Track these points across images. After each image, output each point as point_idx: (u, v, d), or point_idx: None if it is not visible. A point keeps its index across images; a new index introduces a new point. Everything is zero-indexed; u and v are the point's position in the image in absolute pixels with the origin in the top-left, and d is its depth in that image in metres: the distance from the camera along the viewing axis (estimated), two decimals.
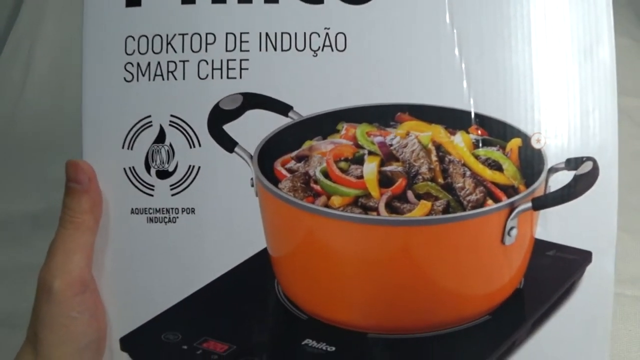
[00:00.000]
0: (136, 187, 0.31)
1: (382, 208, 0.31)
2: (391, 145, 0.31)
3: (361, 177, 0.31)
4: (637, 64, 0.64)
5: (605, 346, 0.31)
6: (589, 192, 0.31)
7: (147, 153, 0.31)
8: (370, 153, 0.32)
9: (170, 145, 0.30)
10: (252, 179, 0.31)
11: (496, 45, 0.31)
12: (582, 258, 0.32)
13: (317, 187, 0.31)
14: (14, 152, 0.60)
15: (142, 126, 0.31)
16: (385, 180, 0.31)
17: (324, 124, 0.32)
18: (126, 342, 0.31)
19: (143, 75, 0.31)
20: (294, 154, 0.32)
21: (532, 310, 0.32)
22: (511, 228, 0.31)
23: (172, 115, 0.31)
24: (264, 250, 0.32)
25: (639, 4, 0.71)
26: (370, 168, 0.31)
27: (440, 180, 0.31)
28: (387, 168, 0.31)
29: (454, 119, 0.32)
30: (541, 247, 0.33)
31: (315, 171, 0.31)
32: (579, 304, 0.32)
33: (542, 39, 0.31)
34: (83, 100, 0.31)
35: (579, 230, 0.31)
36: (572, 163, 0.31)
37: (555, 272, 0.33)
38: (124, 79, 0.30)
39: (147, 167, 0.31)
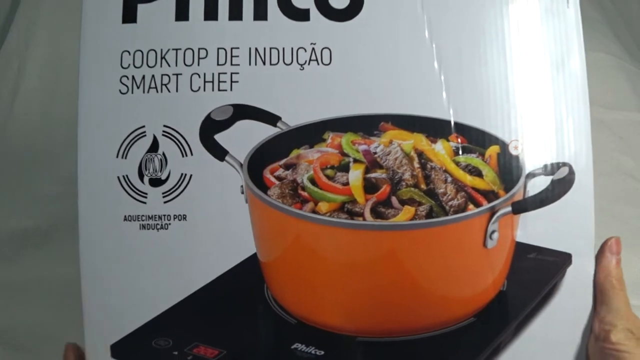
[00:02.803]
0: (129, 194, 0.29)
1: (367, 213, 0.28)
2: (375, 153, 0.29)
3: (347, 183, 0.29)
4: (614, 78, 0.61)
5: (584, 348, 0.29)
6: (566, 196, 0.29)
7: (141, 162, 0.29)
8: (356, 161, 0.29)
9: (163, 154, 0.29)
10: (242, 186, 0.29)
11: (473, 59, 0.29)
12: (562, 260, 0.30)
13: (305, 194, 0.29)
14: (2, 169, 0.55)
15: (136, 136, 0.29)
16: (370, 187, 0.29)
17: (311, 134, 0.30)
18: (117, 349, 0.28)
19: (138, 87, 0.29)
20: (282, 162, 0.30)
21: (516, 311, 0.30)
22: (492, 232, 0.29)
23: (165, 126, 0.29)
24: (254, 256, 0.30)
25: (614, 20, 0.68)
26: (355, 175, 0.29)
27: (423, 186, 0.29)
28: (372, 175, 0.29)
29: (435, 128, 0.30)
30: (522, 250, 0.30)
31: (303, 178, 0.29)
32: (561, 304, 0.30)
33: (517, 52, 0.30)
34: (79, 111, 0.29)
35: (558, 233, 0.30)
36: (549, 168, 0.29)
37: (536, 274, 0.30)
38: (119, 91, 0.29)
39: (141, 176, 0.29)
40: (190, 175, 0.30)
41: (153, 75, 0.30)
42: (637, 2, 0.68)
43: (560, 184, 0.31)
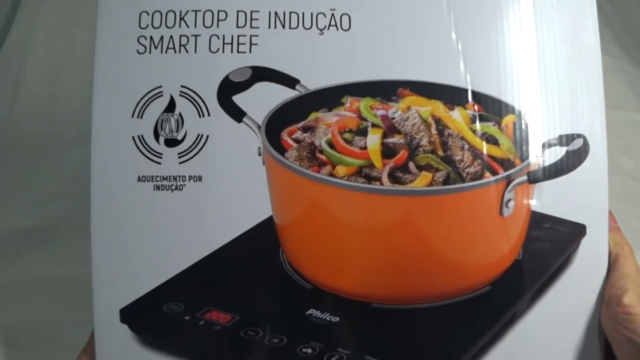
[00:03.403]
0: (144, 155, 0.27)
1: (385, 178, 0.27)
2: (393, 118, 0.28)
3: (365, 148, 0.28)
4: (614, 79, 0.61)
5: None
6: (580, 168, 0.29)
7: (157, 122, 0.28)
8: (374, 125, 0.29)
9: (180, 114, 0.28)
10: (259, 148, 0.28)
11: (490, 29, 0.29)
12: (577, 231, 0.29)
13: (323, 157, 0.28)
14: (2, 169, 0.54)
15: (152, 96, 0.28)
16: (387, 152, 0.28)
17: (329, 97, 0.29)
18: (126, 314, 0.27)
19: (156, 47, 0.28)
20: (300, 124, 0.29)
21: (532, 280, 0.29)
22: (509, 200, 0.28)
23: (182, 86, 0.28)
24: (270, 219, 0.29)
25: (613, 22, 0.68)
26: (373, 139, 0.28)
27: (440, 152, 0.28)
28: (390, 140, 0.28)
29: (452, 96, 0.29)
30: (538, 220, 0.29)
31: (321, 141, 0.28)
32: (575, 275, 0.29)
33: (532, 22, 0.29)
34: (95, 71, 0.28)
35: (573, 205, 0.29)
36: (564, 139, 0.29)
37: (552, 244, 0.30)
38: (137, 51, 0.28)
39: (156, 136, 0.28)
40: (207, 136, 0.29)
41: (171, 36, 0.29)
42: (636, 4, 0.69)
43: (575, 155, 0.30)
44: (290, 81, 0.29)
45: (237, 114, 0.28)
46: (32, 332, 0.41)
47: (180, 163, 0.28)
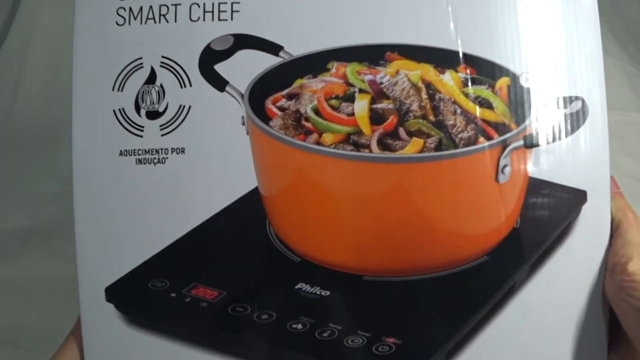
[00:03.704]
0: (125, 128, 0.27)
1: (374, 145, 0.26)
2: (381, 83, 0.27)
3: (352, 114, 0.27)
4: (614, 79, 0.60)
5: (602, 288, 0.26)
6: (579, 132, 0.27)
7: (138, 94, 0.27)
8: (361, 91, 0.27)
9: (161, 85, 0.27)
10: (242, 117, 0.27)
11: None
12: (577, 197, 0.28)
13: (309, 125, 0.27)
14: (3, 168, 0.54)
15: (132, 68, 0.27)
16: (376, 118, 0.27)
17: (315, 63, 0.28)
18: (111, 292, 0.26)
19: (135, 18, 0.27)
20: (284, 92, 0.28)
21: (531, 250, 0.27)
22: (504, 166, 0.27)
23: (163, 57, 0.27)
24: (255, 190, 0.27)
25: (614, 22, 0.67)
26: (361, 105, 0.27)
27: (432, 117, 0.27)
28: (378, 105, 0.27)
29: (443, 59, 0.28)
30: (535, 186, 0.28)
31: (307, 109, 0.27)
32: (576, 243, 0.27)
33: None
34: (74, 44, 0.27)
35: (572, 170, 0.27)
36: (562, 102, 0.27)
37: (551, 211, 0.28)
38: (116, 22, 0.27)
39: (137, 108, 0.27)
40: (189, 107, 0.28)
41: (151, 6, 0.28)
42: (637, 4, 0.68)
43: (574, 118, 0.29)
44: (273, 48, 0.28)
45: (220, 83, 0.27)
46: (33, 331, 0.41)
47: (162, 135, 0.27)
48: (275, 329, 0.26)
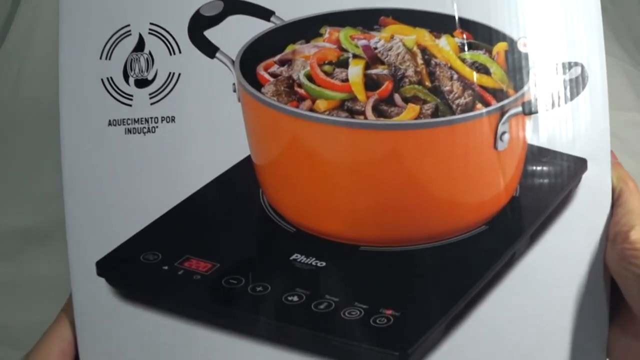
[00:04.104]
0: (114, 97, 0.26)
1: (369, 111, 0.25)
2: (376, 48, 0.26)
3: (346, 80, 0.26)
4: (615, 79, 0.58)
5: (603, 258, 0.26)
6: (579, 98, 0.26)
7: (126, 62, 0.26)
8: (355, 56, 0.26)
9: (150, 53, 0.26)
10: (234, 84, 0.26)
11: None
12: (577, 165, 0.27)
13: (302, 91, 0.26)
14: (3, 168, 0.52)
15: (120, 36, 0.26)
16: (371, 84, 0.26)
17: (307, 28, 0.27)
18: (102, 266, 0.25)
19: None
20: (276, 58, 0.27)
21: (531, 219, 0.27)
22: (503, 132, 0.26)
23: (151, 24, 0.26)
24: (248, 158, 0.27)
25: (614, 22, 0.65)
26: (355, 71, 0.26)
27: (428, 83, 0.26)
28: (373, 71, 0.26)
29: (438, 23, 0.27)
30: (535, 154, 0.27)
31: (299, 75, 0.26)
32: (577, 212, 0.26)
33: None
34: (60, 12, 0.26)
35: (572, 138, 0.26)
36: (561, 68, 0.26)
37: (551, 179, 0.27)
38: None
39: (126, 77, 0.26)
40: (179, 74, 0.27)
41: None
42: (637, 4, 0.66)
43: (573, 84, 0.28)
44: (264, 13, 0.27)
45: (210, 50, 0.26)
46: (33, 330, 0.40)
47: (152, 104, 0.26)
48: (271, 301, 0.24)
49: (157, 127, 0.26)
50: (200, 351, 0.25)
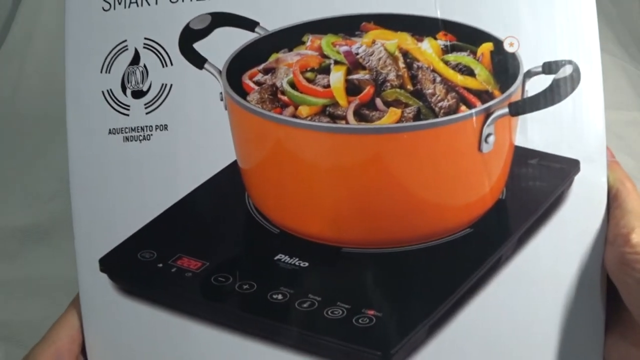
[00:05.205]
0: (113, 108, 0.27)
1: (350, 116, 0.24)
2: (357, 54, 0.26)
3: (328, 86, 0.25)
4: (615, 78, 0.56)
5: (599, 262, 0.24)
6: (572, 98, 0.25)
7: (123, 75, 0.27)
8: (337, 63, 0.26)
9: (145, 66, 0.27)
10: (221, 93, 0.26)
11: None
12: (568, 167, 0.25)
13: (285, 98, 0.26)
14: (3, 166, 0.52)
15: (118, 50, 0.27)
16: (352, 89, 0.25)
17: (290, 37, 0.27)
18: (105, 263, 0.26)
19: (119, 3, 0.27)
20: (261, 66, 0.27)
21: (518, 222, 0.25)
22: (488, 135, 0.24)
23: (146, 38, 0.27)
24: (234, 163, 0.27)
25: (614, 21, 0.63)
26: (336, 77, 0.25)
27: (410, 87, 0.25)
28: (354, 76, 0.25)
29: (421, 26, 0.26)
30: (523, 156, 0.26)
31: (282, 82, 0.26)
32: (569, 216, 0.25)
33: None
34: (66, 30, 0.27)
35: (564, 138, 0.25)
36: (551, 67, 0.25)
37: (539, 181, 0.26)
38: (102, 8, 0.27)
39: (124, 89, 0.27)
40: (171, 85, 0.26)
41: None
42: (638, 3, 0.62)
43: (564, 84, 0.27)
44: (249, 24, 0.27)
45: (198, 61, 0.27)
46: (33, 330, 0.40)
47: (147, 113, 0.27)
48: (256, 299, 0.24)
49: (151, 134, 0.27)
50: (191, 343, 0.25)
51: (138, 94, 0.27)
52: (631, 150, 0.51)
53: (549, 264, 0.25)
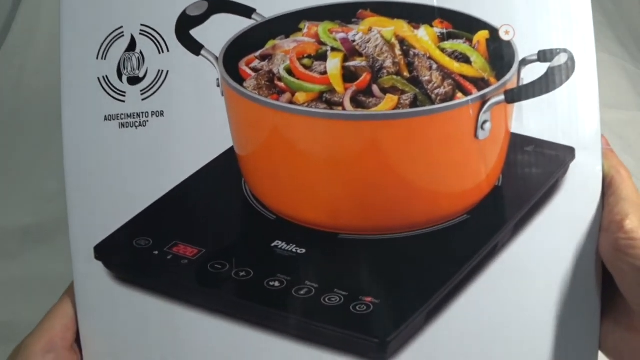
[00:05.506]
0: (109, 94, 0.26)
1: (347, 102, 0.24)
2: (354, 41, 0.26)
3: (325, 73, 0.25)
4: (615, 78, 0.56)
5: (594, 248, 0.24)
6: (567, 86, 0.25)
7: (119, 61, 0.27)
8: (333, 49, 0.26)
9: (141, 52, 0.26)
10: (217, 79, 0.26)
11: None
12: (563, 154, 0.25)
13: (282, 85, 0.26)
14: (4, 166, 0.52)
15: (114, 37, 0.27)
16: (349, 76, 0.25)
17: (287, 24, 0.27)
18: (100, 250, 0.26)
19: None
20: (257, 53, 0.27)
21: (514, 208, 0.25)
22: (484, 122, 0.24)
23: (142, 25, 0.27)
24: (231, 149, 0.27)
25: (615, 21, 0.64)
26: (333, 63, 0.25)
27: (406, 74, 0.25)
28: (351, 63, 0.25)
29: (417, 14, 0.26)
30: (519, 143, 0.26)
31: (279, 69, 0.26)
32: (564, 202, 0.25)
33: None
34: (61, 16, 0.27)
35: (559, 125, 0.25)
36: (546, 55, 0.25)
37: (535, 168, 0.26)
38: None
39: (119, 75, 0.27)
40: (167, 72, 0.26)
41: None
42: (638, 4, 0.63)
43: (559, 72, 0.27)
44: (246, 11, 0.27)
45: (195, 48, 0.26)
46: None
47: (143, 100, 0.27)
48: (253, 286, 0.24)
49: (147, 121, 0.26)
50: (187, 331, 0.25)
51: (134, 81, 0.27)
52: (631, 149, 0.51)
53: (545, 251, 0.25)
